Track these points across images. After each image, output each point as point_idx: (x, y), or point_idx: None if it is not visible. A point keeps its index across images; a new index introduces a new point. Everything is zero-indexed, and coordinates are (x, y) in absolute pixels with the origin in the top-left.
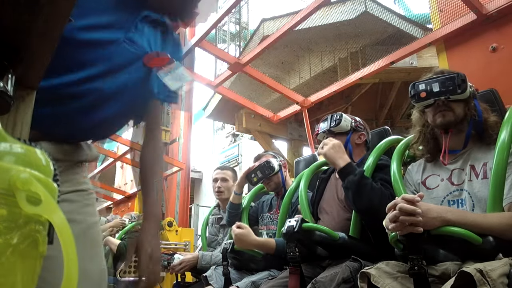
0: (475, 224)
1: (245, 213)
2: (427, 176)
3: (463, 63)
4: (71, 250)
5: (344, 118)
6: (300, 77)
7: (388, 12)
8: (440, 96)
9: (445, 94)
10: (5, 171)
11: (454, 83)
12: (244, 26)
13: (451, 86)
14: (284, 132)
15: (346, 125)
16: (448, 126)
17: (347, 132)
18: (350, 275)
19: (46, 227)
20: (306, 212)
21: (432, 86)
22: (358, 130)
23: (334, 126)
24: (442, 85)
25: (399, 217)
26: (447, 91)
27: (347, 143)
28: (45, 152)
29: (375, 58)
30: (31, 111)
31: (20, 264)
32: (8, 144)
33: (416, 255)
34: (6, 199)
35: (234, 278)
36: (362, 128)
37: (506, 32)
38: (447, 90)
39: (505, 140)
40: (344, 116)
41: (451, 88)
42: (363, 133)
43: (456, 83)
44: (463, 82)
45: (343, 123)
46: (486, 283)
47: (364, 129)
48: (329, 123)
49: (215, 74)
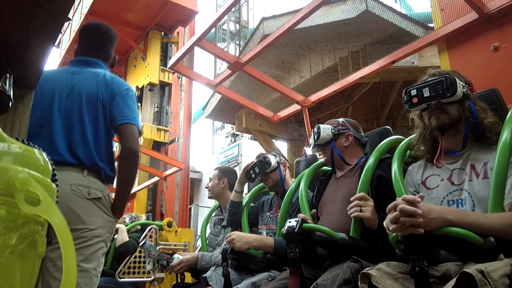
0: (476, 225)
1: (245, 211)
2: (427, 176)
3: (464, 62)
4: (69, 250)
5: (323, 128)
6: (301, 77)
7: (389, 11)
8: (431, 101)
9: (435, 98)
10: (4, 171)
11: (443, 86)
12: (244, 25)
13: (441, 90)
14: (284, 132)
15: (326, 134)
16: (443, 128)
17: (330, 141)
18: (351, 276)
19: (45, 227)
20: (306, 213)
21: (423, 91)
22: (342, 133)
23: (317, 140)
24: (432, 90)
25: (399, 218)
26: (437, 95)
27: (332, 150)
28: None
29: (376, 57)
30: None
31: (19, 264)
32: (6, 144)
33: (417, 256)
34: (5, 199)
35: (234, 279)
36: (345, 128)
37: (507, 31)
38: (437, 94)
39: (507, 140)
40: (321, 127)
41: (440, 92)
42: (349, 133)
43: (445, 87)
44: (452, 85)
45: (323, 134)
46: (487, 283)
47: (347, 129)
48: (313, 139)
49: (215, 73)
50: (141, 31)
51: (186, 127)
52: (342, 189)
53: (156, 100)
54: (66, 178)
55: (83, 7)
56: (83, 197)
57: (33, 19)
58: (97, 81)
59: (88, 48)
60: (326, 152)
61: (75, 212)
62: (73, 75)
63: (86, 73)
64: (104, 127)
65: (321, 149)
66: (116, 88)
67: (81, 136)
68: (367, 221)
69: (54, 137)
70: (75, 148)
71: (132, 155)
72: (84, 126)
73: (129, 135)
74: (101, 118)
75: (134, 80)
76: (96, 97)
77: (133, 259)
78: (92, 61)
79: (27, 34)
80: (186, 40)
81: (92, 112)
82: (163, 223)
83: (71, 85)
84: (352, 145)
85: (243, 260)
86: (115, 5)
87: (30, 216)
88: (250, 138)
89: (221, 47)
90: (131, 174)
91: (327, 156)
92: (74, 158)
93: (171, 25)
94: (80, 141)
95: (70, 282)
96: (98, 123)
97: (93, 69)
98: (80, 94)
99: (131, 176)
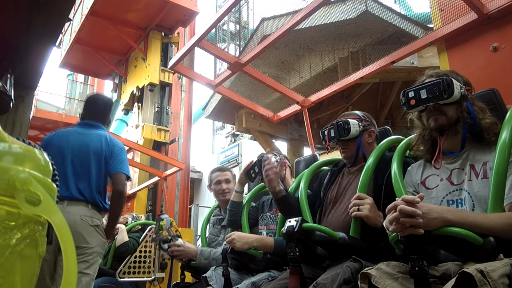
0: (475, 225)
1: (245, 212)
2: (427, 176)
3: (464, 62)
4: (70, 250)
5: (352, 124)
6: (300, 77)
7: (388, 12)
8: (428, 103)
9: (432, 100)
10: (4, 171)
11: (440, 88)
12: (244, 25)
13: (438, 92)
14: (284, 132)
15: (355, 131)
16: (441, 128)
17: (357, 137)
18: (351, 276)
19: (45, 227)
20: (306, 213)
21: (420, 93)
22: (367, 129)
23: (344, 136)
24: (429, 91)
25: (399, 218)
26: (434, 97)
27: (359, 147)
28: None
29: (375, 57)
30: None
31: (19, 264)
32: (7, 144)
33: (416, 256)
34: (5, 199)
35: (234, 279)
36: (369, 123)
37: (507, 31)
38: (434, 96)
39: (506, 140)
40: (351, 122)
41: (437, 93)
42: (372, 130)
43: (442, 88)
44: (449, 87)
45: (353, 130)
46: (487, 283)
47: (371, 124)
48: (337, 132)
49: (215, 73)
50: (141, 31)
51: (186, 127)
52: (353, 185)
53: (156, 100)
54: (77, 211)
55: (84, 8)
56: (88, 225)
57: (33, 19)
58: (101, 141)
59: (93, 115)
60: (349, 148)
61: (82, 235)
62: (82, 135)
63: (93, 134)
64: (104, 174)
65: (342, 145)
66: (114, 147)
67: (87, 181)
68: (367, 220)
69: (67, 180)
70: (83, 190)
71: (119, 195)
72: (90, 173)
73: (119, 181)
74: (102, 168)
75: (134, 80)
76: (101, 152)
77: (133, 259)
78: (95, 124)
79: (28, 35)
80: (186, 40)
81: (97, 163)
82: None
83: (80, 142)
84: (373, 141)
85: (243, 260)
86: (116, 6)
87: (30, 216)
88: (250, 138)
89: (221, 47)
90: (119, 207)
91: (349, 152)
92: (82, 196)
93: (171, 26)
94: (86, 184)
95: (70, 282)
96: (100, 171)
97: (97, 131)
98: (88, 150)
99: (119, 209)
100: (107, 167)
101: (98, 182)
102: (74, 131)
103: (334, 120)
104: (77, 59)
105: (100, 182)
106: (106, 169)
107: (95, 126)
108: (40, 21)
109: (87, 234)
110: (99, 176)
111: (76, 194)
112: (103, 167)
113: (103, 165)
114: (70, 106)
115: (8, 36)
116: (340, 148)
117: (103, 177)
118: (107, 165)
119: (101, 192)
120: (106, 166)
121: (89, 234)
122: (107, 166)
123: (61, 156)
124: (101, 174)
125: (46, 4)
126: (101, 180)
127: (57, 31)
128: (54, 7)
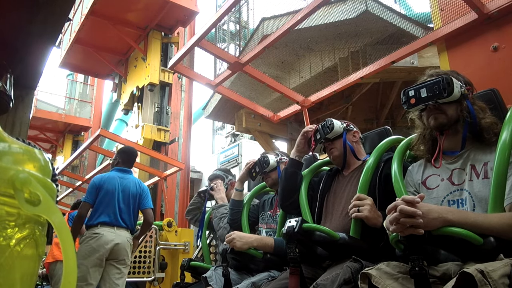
0: (476, 225)
1: (245, 211)
2: (428, 176)
3: (464, 62)
4: (70, 250)
5: (335, 122)
6: (301, 77)
7: (389, 11)
8: (428, 101)
9: (432, 99)
10: (4, 171)
11: (439, 87)
12: (244, 25)
13: (437, 90)
14: (284, 132)
15: (339, 127)
16: (441, 127)
17: (341, 134)
18: (351, 276)
19: (45, 227)
20: (306, 213)
21: (420, 91)
22: (350, 129)
23: (329, 133)
24: (429, 90)
25: (399, 219)
26: (434, 96)
27: (345, 144)
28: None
29: (375, 57)
30: (30, 110)
31: (19, 264)
32: (6, 144)
33: (417, 256)
34: (5, 199)
35: (234, 279)
36: (352, 126)
37: (507, 31)
38: (434, 95)
39: (506, 140)
40: (333, 121)
41: (437, 92)
42: (356, 131)
43: (442, 87)
44: (449, 85)
45: (336, 127)
46: (487, 283)
47: (353, 127)
48: (323, 132)
49: (215, 73)
50: (141, 31)
51: (186, 127)
52: (349, 187)
53: (156, 100)
54: (124, 234)
55: (84, 7)
56: (130, 244)
57: (33, 19)
58: (135, 184)
59: (126, 163)
60: (335, 147)
61: (127, 251)
62: (122, 179)
63: (129, 179)
64: (137, 209)
65: (329, 145)
66: (143, 189)
67: (128, 214)
68: (367, 221)
69: (116, 212)
70: (126, 220)
71: (150, 224)
72: (129, 208)
73: (149, 214)
74: (136, 204)
75: (134, 80)
76: (136, 193)
77: (133, 259)
78: (128, 170)
79: (28, 35)
80: (186, 40)
81: (133, 201)
82: (163, 223)
83: (122, 185)
84: (358, 142)
85: (243, 260)
86: (115, 6)
87: (30, 216)
88: (250, 138)
89: (221, 47)
90: (146, 231)
91: (337, 152)
92: (125, 224)
93: (171, 25)
94: (128, 216)
95: (70, 282)
96: (135, 207)
97: (130, 176)
98: (128, 191)
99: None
100: (139, 203)
101: (134, 215)
102: (117, 175)
103: (317, 125)
104: (77, 59)
105: (135, 214)
106: (138, 205)
107: (129, 172)
108: (40, 21)
109: (128, 251)
110: (134, 210)
111: (122, 223)
112: (136, 204)
113: (137, 202)
114: (70, 106)
115: (8, 36)
116: (328, 150)
117: (136, 211)
118: (139, 202)
119: (135, 221)
120: (138, 203)
121: (128, 251)
122: (139, 203)
123: (112, 196)
124: (135, 209)
125: (46, 4)
126: (135, 213)
127: (57, 31)
128: (54, 7)
